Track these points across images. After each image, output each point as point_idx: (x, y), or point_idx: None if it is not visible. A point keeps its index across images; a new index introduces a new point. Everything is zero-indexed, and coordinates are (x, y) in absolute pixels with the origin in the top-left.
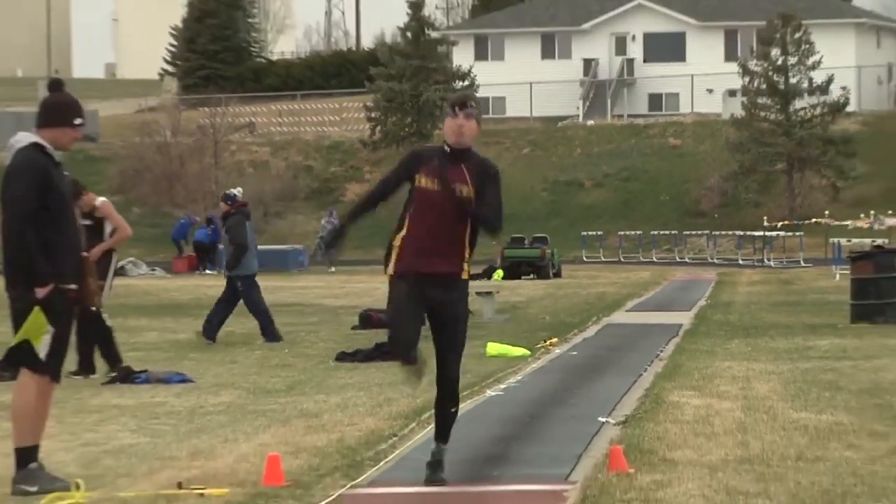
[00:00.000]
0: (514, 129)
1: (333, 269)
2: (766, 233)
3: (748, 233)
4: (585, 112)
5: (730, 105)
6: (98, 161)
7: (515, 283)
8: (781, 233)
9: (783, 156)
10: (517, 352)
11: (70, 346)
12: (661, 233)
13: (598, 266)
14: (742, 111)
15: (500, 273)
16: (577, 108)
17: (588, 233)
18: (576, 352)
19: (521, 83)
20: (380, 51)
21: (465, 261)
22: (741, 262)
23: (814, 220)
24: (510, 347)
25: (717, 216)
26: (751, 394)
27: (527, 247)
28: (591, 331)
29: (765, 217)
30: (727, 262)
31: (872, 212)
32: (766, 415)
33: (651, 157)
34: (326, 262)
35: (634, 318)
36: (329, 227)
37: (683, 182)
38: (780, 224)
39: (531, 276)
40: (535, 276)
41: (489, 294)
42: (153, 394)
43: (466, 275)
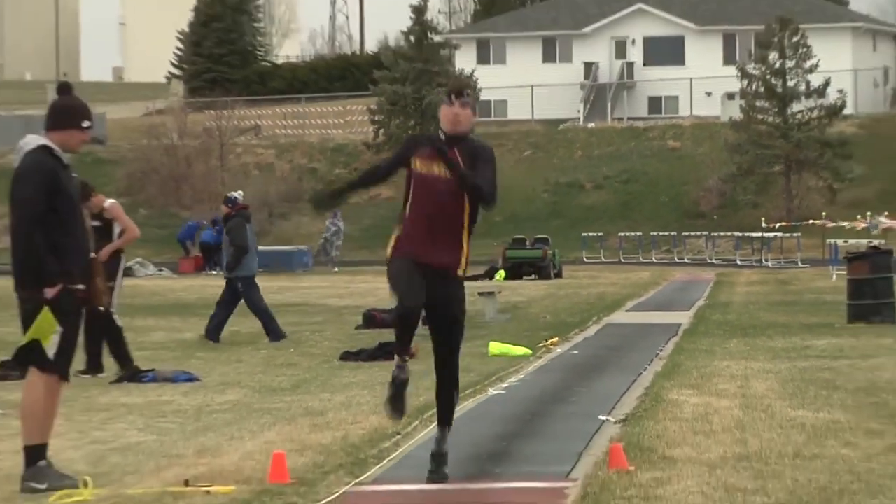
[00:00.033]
0: (516, 132)
1: (337, 270)
2: (764, 234)
3: (746, 234)
4: (586, 115)
5: (728, 108)
6: (106, 163)
7: (517, 284)
8: (779, 234)
9: (781, 158)
10: (519, 351)
11: (78, 346)
12: (661, 234)
13: (599, 267)
14: (740, 114)
15: (503, 274)
16: (578, 111)
17: (588, 234)
18: (576, 351)
19: (523, 86)
20: (383, 54)
21: (464, 253)
22: (739, 263)
23: (810, 221)
24: (512, 347)
25: (716, 217)
26: (749, 392)
27: (528, 248)
28: (592, 330)
29: (763, 218)
30: (726, 263)
31: (869, 213)
32: (764, 413)
33: (651, 160)
34: (330, 263)
35: (634, 318)
36: (333, 229)
37: (682, 184)
38: (778, 225)
39: (532, 277)
40: (537, 277)
41: (491, 294)
42: (160, 392)
43: (463, 271)
